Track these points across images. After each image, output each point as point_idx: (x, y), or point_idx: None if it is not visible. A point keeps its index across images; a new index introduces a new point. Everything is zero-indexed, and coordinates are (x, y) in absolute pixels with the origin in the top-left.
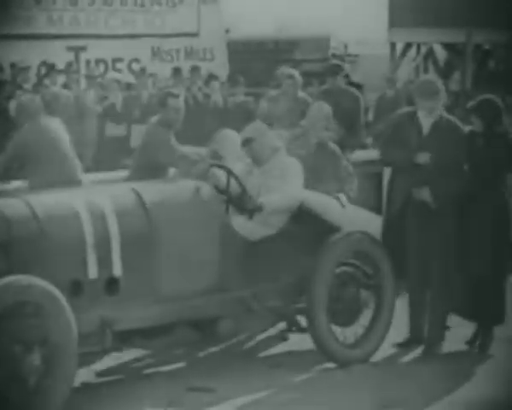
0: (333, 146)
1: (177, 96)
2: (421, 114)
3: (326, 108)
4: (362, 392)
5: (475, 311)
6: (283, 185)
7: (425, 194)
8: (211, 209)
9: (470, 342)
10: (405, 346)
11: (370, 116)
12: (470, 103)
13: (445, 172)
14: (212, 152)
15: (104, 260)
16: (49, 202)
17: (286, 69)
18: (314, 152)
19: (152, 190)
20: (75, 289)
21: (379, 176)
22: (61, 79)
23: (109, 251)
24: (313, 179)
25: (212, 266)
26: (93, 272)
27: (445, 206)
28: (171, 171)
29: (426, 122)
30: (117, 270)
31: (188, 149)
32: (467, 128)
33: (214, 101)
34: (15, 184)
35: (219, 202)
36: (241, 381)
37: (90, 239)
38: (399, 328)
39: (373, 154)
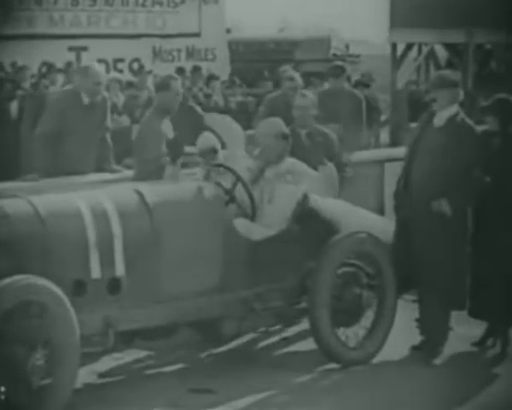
0: (323, 131)
1: (178, 79)
2: (437, 107)
3: (310, 96)
4: (363, 393)
5: (487, 311)
6: (296, 192)
7: (444, 206)
8: (214, 210)
9: (479, 344)
10: (420, 349)
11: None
12: (484, 103)
13: (462, 184)
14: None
15: (107, 260)
16: (51, 201)
17: (286, 70)
18: (304, 142)
19: (155, 191)
20: (78, 289)
21: (380, 177)
22: (61, 78)
23: (112, 251)
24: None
25: (215, 267)
26: (96, 271)
27: (460, 213)
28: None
29: (441, 115)
30: (120, 270)
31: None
32: (480, 128)
33: (215, 101)
34: (17, 184)
35: (222, 202)
36: (242, 382)
37: (92, 239)
38: (403, 331)
39: (374, 154)
